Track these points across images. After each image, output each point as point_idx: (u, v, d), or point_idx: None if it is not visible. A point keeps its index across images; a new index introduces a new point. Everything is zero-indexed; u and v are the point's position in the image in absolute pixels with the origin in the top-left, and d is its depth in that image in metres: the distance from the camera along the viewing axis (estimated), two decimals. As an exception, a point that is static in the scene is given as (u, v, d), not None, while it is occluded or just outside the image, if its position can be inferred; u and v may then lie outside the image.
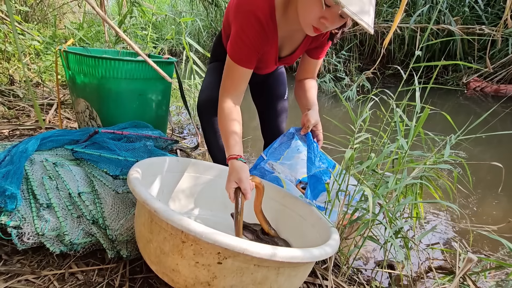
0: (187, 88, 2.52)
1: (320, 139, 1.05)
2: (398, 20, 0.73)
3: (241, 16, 0.88)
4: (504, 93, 3.99)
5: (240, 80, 0.93)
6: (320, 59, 1.09)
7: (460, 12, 4.37)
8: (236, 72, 0.92)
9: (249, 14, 0.86)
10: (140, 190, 0.68)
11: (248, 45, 0.89)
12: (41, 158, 1.00)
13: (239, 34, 0.89)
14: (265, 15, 0.87)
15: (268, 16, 0.87)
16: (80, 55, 1.30)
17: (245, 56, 0.90)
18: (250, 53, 0.90)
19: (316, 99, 1.10)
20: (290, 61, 1.10)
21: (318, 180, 0.92)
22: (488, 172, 1.90)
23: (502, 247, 1.24)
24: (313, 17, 0.80)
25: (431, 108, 0.85)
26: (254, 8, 0.86)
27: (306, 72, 1.13)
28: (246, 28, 0.87)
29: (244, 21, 0.87)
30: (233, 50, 0.91)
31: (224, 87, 0.94)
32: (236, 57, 0.91)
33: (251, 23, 0.87)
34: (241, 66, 0.91)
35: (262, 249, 0.57)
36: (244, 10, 0.87)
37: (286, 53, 1.06)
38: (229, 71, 0.93)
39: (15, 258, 0.84)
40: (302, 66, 1.13)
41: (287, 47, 1.04)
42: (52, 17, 3.72)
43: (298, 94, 1.13)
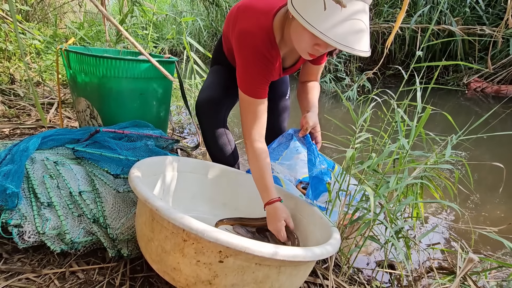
0: (188, 88, 2.52)
1: (319, 141, 1.05)
2: (400, 20, 0.73)
3: (245, 51, 0.89)
4: (504, 94, 3.99)
5: (261, 112, 0.93)
6: (321, 64, 1.10)
7: (461, 12, 4.36)
8: (255, 106, 0.92)
9: (252, 49, 0.88)
10: (142, 188, 0.68)
11: (257, 78, 0.90)
12: (42, 157, 1.00)
13: (247, 70, 0.90)
14: (267, 47, 0.88)
15: (270, 46, 0.88)
16: (81, 54, 1.30)
17: (257, 88, 0.91)
18: (261, 84, 0.91)
19: (316, 101, 1.10)
20: (293, 70, 1.11)
21: (320, 181, 0.92)
22: (489, 173, 1.90)
23: (503, 247, 1.23)
24: (306, 45, 0.81)
25: (432, 108, 0.85)
26: (256, 42, 0.87)
27: (309, 75, 1.14)
28: (252, 62, 0.89)
29: (248, 56, 0.89)
30: (245, 86, 0.91)
31: (248, 125, 0.93)
32: (251, 92, 0.91)
33: (256, 57, 0.88)
34: (257, 98, 0.91)
35: (263, 247, 0.57)
36: (246, 45, 0.88)
37: (288, 65, 1.07)
38: (247, 107, 0.93)
39: (16, 256, 0.84)
40: (304, 70, 1.14)
41: (289, 59, 1.05)
42: (53, 17, 3.72)
43: (300, 96, 1.14)
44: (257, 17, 0.89)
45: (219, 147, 1.14)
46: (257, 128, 0.93)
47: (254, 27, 0.88)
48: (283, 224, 0.87)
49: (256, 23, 0.88)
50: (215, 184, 1.09)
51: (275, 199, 0.89)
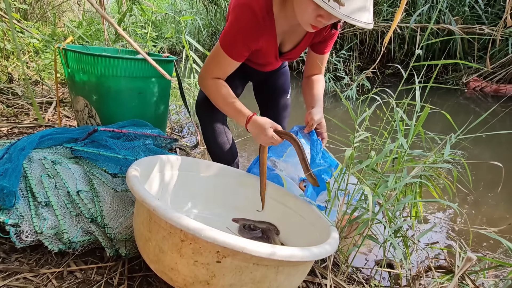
0: (187, 87, 2.52)
1: (324, 137, 1.05)
2: (398, 18, 0.73)
3: (238, 8, 0.88)
4: (503, 93, 3.99)
5: (227, 69, 0.94)
6: (325, 54, 1.09)
7: (460, 11, 4.36)
8: (224, 61, 0.93)
9: (245, 7, 0.86)
10: (139, 188, 0.67)
11: (240, 39, 0.90)
12: (40, 156, 0.99)
13: (233, 26, 0.89)
14: (261, 9, 0.87)
15: (265, 10, 0.87)
16: (79, 53, 1.29)
17: (235, 48, 0.91)
18: (241, 47, 0.91)
19: (321, 96, 1.09)
20: (293, 56, 1.09)
21: (318, 178, 0.92)
22: (488, 172, 1.90)
23: (501, 246, 1.24)
24: (309, 16, 0.80)
25: (431, 108, 0.85)
26: (251, 2, 0.86)
27: (312, 68, 1.12)
28: (241, 20, 0.88)
29: (239, 13, 0.88)
30: (225, 40, 0.91)
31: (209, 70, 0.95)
32: (227, 48, 0.91)
33: (246, 16, 0.87)
34: (230, 57, 0.92)
35: (261, 248, 0.57)
36: (242, 3, 0.87)
37: (288, 48, 1.05)
38: (216, 57, 0.93)
39: (14, 256, 0.83)
40: (308, 62, 1.13)
41: (288, 42, 1.03)
42: (52, 15, 3.71)
43: (304, 91, 1.13)
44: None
45: (218, 145, 1.14)
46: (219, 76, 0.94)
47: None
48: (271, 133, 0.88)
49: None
50: (214, 183, 1.09)
51: (250, 115, 0.90)
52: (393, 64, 3.97)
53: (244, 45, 0.91)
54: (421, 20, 4.32)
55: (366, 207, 0.89)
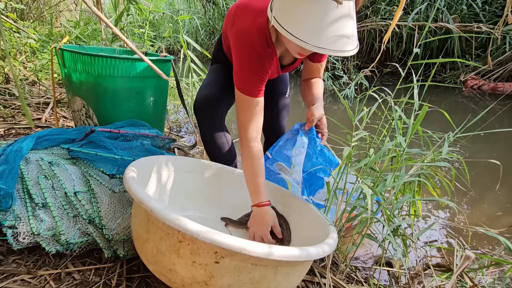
0: (185, 87, 2.51)
1: (325, 134, 1.05)
2: (397, 17, 0.72)
3: (241, 49, 0.90)
4: (501, 91, 4.00)
5: (257, 111, 0.93)
6: (322, 62, 1.09)
7: (458, 10, 4.37)
8: (250, 104, 0.92)
9: (248, 48, 0.88)
10: (136, 189, 0.67)
11: (252, 77, 0.91)
12: (37, 157, 0.99)
13: (242, 68, 0.91)
14: (262, 45, 0.88)
15: (266, 44, 0.89)
16: (75, 53, 1.29)
17: (253, 87, 0.91)
18: (257, 83, 0.92)
19: (321, 95, 1.10)
20: (292, 68, 1.11)
21: (313, 176, 0.92)
22: (486, 170, 1.90)
23: (500, 244, 1.24)
24: (294, 47, 0.83)
25: (429, 106, 0.85)
26: (251, 42, 0.88)
27: (311, 73, 1.13)
28: (248, 61, 0.89)
29: (244, 54, 0.89)
30: (241, 84, 0.92)
31: (244, 123, 0.93)
32: (246, 90, 0.91)
33: (252, 55, 0.89)
34: (252, 97, 0.92)
35: (259, 248, 0.57)
36: (242, 43, 0.89)
37: (287, 62, 1.07)
38: (243, 105, 0.93)
39: (11, 258, 0.83)
40: (306, 68, 1.14)
41: (287, 57, 1.05)
42: (48, 15, 3.69)
43: (304, 92, 1.14)
44: (254, 17, 0.90)
45: (217, 146, 1.14)
46: (254, 127, 0.93)
47: (251, 26, 0.88)
48: (268, 230, 0.89)
49: (252, 22, 0.89)
50: (213, 183, 1.08)
51: (265, 202, 0.89)
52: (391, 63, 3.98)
53: (259, 80, 0.92)
54: (419, 18, 4.33)
55: (365, 205, 0.89)
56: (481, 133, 0.91)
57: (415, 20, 4.25)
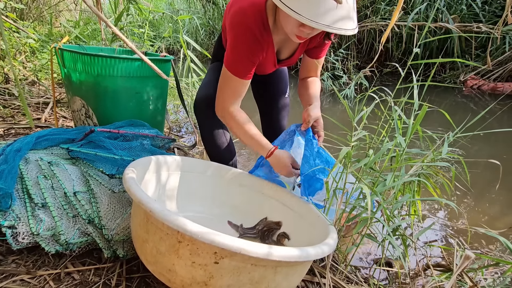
0: (185, 87, 2.51)
1: (321, 135, 1.05)
2: (396, 16, 0.72)
3: (236, 28, 0.90)
4: (501, 91, 4.00)
5: (240, 91, 0.96)
6: (320, 58, 1.09)
7: (458, 10, 4.37)
8: (235, 83, 0.94)
9: (243, 27, 0.88)
10: (136, 190, 0.67)
11: (244, 58, 0.91)
12: (36, 157, 0.99)
13: (235, 47, 0.91)
14: (258, 26, 0.88)
15: (262, 26, 0.89)
16: (75, 52, 1.28)
17: (242, 68, 0.92)
18: (246, 65, 0.92)
19: (318, 95, 1.10)
20: (290, 63, 1.11)
21: (312, 177, 0.92)
22: (486, 170, 1.90)
23: (499, 244, 1.24)
24: (292, 27, 0.82)
25: (429, 106, 0.85)
26: (247, 20, 0.88)
27: (308, 71, 1.13)
28: (241, 40, 0.89)
29: (238, 33, 0.89)
30: (230, 62, 0.92)
31: (225, 98, 0.96)
32: (234, 69, 0.92)
33: (246, 35, 0.89)
34: (239, 77, 0.93)
35: (258, 248, 0.56)
36: (238, 22, 0.89)
37: (285, 56, 1.07)
38: (227, 82, 0.94)
39: (10, 258, 0.83)
40: (303, 66, 1.13)
41: (285, 50, 1.05)
42: (48, 15, 3.69)
43: (301, 92, 1.13)
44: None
45: (216, 145, 1.14)
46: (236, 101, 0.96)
47: (247, 7, 0.89)
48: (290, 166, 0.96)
49: (249, 2, 0.89)
50: (213, 183, 1.08)
51: (272, 149, 0.96)
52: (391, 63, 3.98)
53: (249, 63, 0.93)
54: (419, 18, 4.33)
55: (365, 205, 0.89)
56: (481, 133, 0.91)
57: (414, 20, 4.25)
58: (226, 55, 0.93)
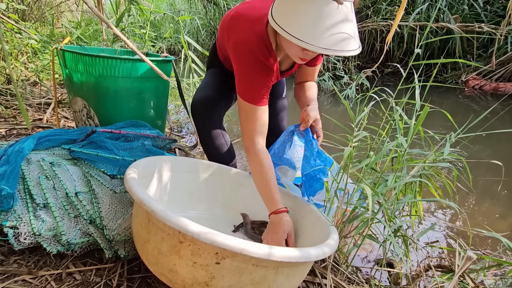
0: (186, 87, 2.52)
1: (320, 135, 1.04)
2: (399, 17, 0.72)
3: (243, 59, 0.88)
4: (503, 91, 3.99)
5: (263, 118, 0.91)
6: (317, 66, 1.09)
7: (459, 10, 4.36)
8: (255, 112, 0.90)
9: (251, 57, 0.87)
10: (137, 190, 0.67)
11: (257, 85, 0.89)
12: (38, 158, 0.99)
13: (246, 77, 0.89)
14: (264, 53, 0.88)
15: (267, 53, 0.88)
16: (77, 53, 1.29)
17: (257, 95, 0.90)
18: (261, 90, 0.90)
19: (315, 97, 1.09)
20: (290, 73, 1.11)
21: (313, 178, 0.91)
22: (488, 171, 1.90)
23: (501, 245, 1.23)
24: (295, 51, 0.82)
25: (431, 106, 0.85)
26: (253, 49, 0.86)
27: (305, 76, 1.13)
28: (252, 70, 0.88)
29: (247, 63, 0.88)
30: (245, 92, 0.90)
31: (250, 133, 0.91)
32: (250, 99, 0.89)
33: (255, 64, 0.87)
34: (257, 105, 0.90)
35: (260, 249, 0.56)
36: (244, 53, 0.87)
37: (285, 68, 1.07)
38: (248, 114, 0.91)
39: (12, 258, 0.83)
40: (300, 72, 1.13)
41: (285, 63, 1.05)
42: (50, 16, 3.70)
43: (298, 95, 1.13)
44: (251, 25, 0.89)
45: (215, 146, 1.14)
46: (260, 136, 0.90)
47: (250, 35, 0.88)
48: (284, 238, 0.86)
49: (250, 30, 0.88)
50: (214, 184, 1.08)
51: (282, 209, 0.87)
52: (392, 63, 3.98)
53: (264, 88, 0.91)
54: (420, 18, 4.32)
55: (366, 206, 0.89)
56: (483, 134, 0.91)
57: (416, 20, 4.25)
58: (239, 87, 0.91)
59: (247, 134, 0.91)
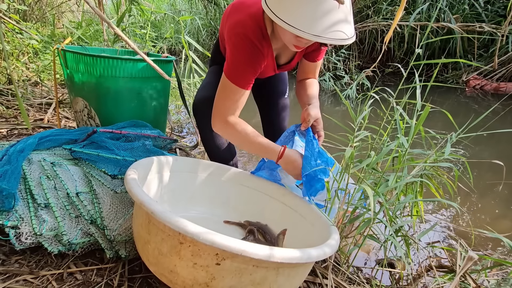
0: (186, 87, 2.52)
1: (321, 135, 1.04)
2: (399, 16, 0.72)
3: (236, 39, 0.89)
4: (503, 91, 3.98)
5: (241, 101, 0.93)
6: (318, 61, 1.09)
7: (460, 10, 4.35)
8: (236, 93, 0.91)
9: (242, 37, 0.87)
10: (137, 191, 0.67)
11: (245, 67, 0.90)
12: (39, 158, 0.99)
13: (236, 57, 0.90)
14: (258, 36, 0.88)
15: (261, 36, 0.88)
16: (78, 53, 1.29)
17: (243, 77, 0.90)
18: (248, 75, 0.91)
19: (317, 95, 1.09)
20: (289, 67, 1.10)
21: (314, 178, 0.91)
22: (489, 170, 1.89)
23: (503, 246, 1.23)
24: (289, 38, 0.82)
25: (431, 106, 0.84)
26: (246, 31, 0.87)
27: (306, 73, 1.13)
28: (242, 51, 0.89)
29: (238, 44, 0.88)
30: (231, 72, 0.91)
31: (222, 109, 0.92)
32: (235, 79, 0.90)
33: (246, 46, 0.88)
34: (240, 87, 0.91)
35: (260, 250, 0.56)
36: (237, 33, 0.88)
37: (284, 61, 1.07)
38: (228, 92, 0.92)
39: (13, 258, 0.83)
40: (301, 68, 1.13)
41: (284, 55, 1.05)
42: (51, 16, 3.70)
43: (299, 93, 1.13)
44: (248, 8, 0.90)
45: (216, 145, 1.14)
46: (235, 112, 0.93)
47: (245, 17, 0.88)
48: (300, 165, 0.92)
49: (247, 13, 0.89)
50: (214, 183, 1.08)
51: (281, 150, 0.93)
52: (393, 63, 3.97)
53: (251, 72, 0.91)
54: (421, 18, 4.31)
55: (367, 206, 0.89)
56: (484, 134, 0.91)
57: (417, 20, 4.24)
58: (227, 65, 0.92)
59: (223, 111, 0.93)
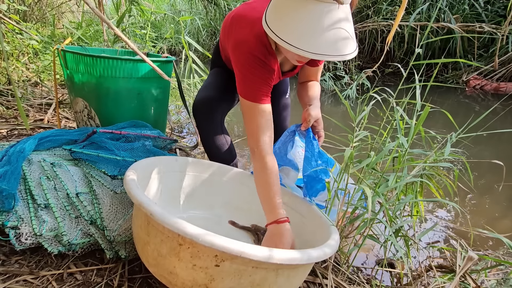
0: (186, 87, 2.52)
1: (321, 135, 1.04)
2: (400, 17, 0.72)
3: (243, 58, 0.88)
4: (504, 91, 3.98)
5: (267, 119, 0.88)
6: (319, 66, 1.09)
7: (460, 10, 4.35)
8: (258, 112, 0.87)
9: (250, 56, 0.87)
10: (136, 192, 0.67)
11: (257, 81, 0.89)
12: (39, 158, 0.99)
13: (246, 76, 0.89)
14: (263, 53, 0.88)
15: (266, 52, 0.88)
16: (78, 54, 1.29)
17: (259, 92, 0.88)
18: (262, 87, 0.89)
19: (318, 96, 1.09)
20: (292, 74, 1.11)
21: (314, 179, 0.91)
22: (489, 170, 1.89)
23: (503, 245, 1.23)
24: (292, 55, 0.82)
25: (431, 106, 0.84)
26: (252, 50, 0.87)
27: (308, 76, 1.13)
28: (251, 68, 0.88)
29: (246, 63, 0.88)
30: (245, 91, 0.89)
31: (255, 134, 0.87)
32: (251, 96, 0.88)
33: (255, 63, 0.87)
34: (259, 103, 0.88)
35: (259, 251, 0.56)
36: (243, 52, 0.87)
37: (287, 69, 1.07)
38: (250, 114, 0.88)
39: (13, 258, 0.83)
40: (303, 71, 1.13)
41: (287, 64, 1.05)
42: (51, 17, 3.71)
43: (300, 94, 1.13)
44: (251, 26, 0.89)
45: (216, 146, 1.14)
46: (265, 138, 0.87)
47: (248, 36, 0.88)
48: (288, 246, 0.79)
49: (250, 31, 0.88)
50: (214, 184, 1.08)
51: (284, 218, 0.81)
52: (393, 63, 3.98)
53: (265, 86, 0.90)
54: (421, 18, 4.31)
55: (367, 207, 0.88)
56: (484, 134, 0.91)
57: (417, 20, 4.24)
58: (239, 87, 0.90)
59: (251, 134, 0.89)
